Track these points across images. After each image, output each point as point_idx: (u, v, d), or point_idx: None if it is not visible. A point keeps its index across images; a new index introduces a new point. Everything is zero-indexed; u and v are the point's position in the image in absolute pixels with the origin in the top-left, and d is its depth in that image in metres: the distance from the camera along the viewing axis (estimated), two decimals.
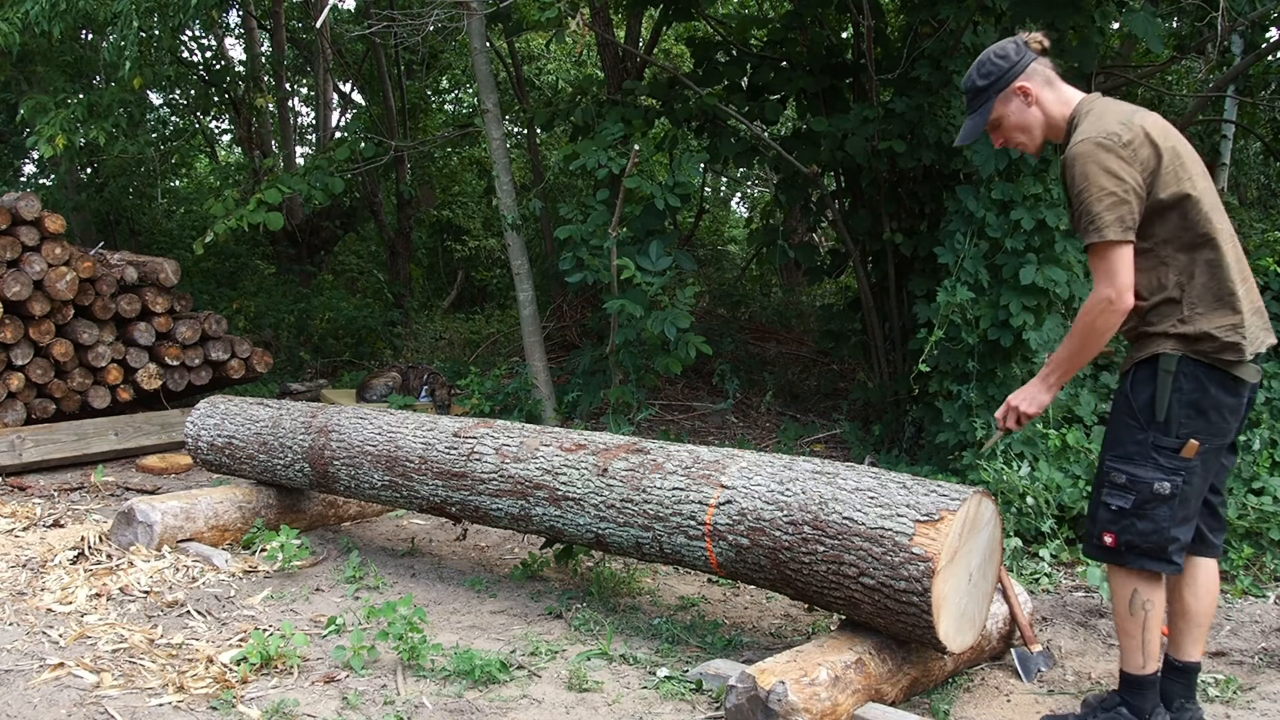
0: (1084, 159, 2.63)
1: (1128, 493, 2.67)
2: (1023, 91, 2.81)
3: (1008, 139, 2.91)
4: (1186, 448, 2.63)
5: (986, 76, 2.84)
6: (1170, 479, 2.63)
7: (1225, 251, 2.67)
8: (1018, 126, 2.86)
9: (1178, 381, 2.65)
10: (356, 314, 10.39)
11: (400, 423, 4.13)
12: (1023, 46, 2.84)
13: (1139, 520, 2.66)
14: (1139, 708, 2.78)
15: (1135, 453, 2.67)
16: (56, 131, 6.76)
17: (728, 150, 6.78)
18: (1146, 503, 2.65)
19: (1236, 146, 9.10)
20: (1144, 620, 2.71)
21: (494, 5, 6.47)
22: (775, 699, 2.62)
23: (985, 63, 2.86)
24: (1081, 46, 5.07)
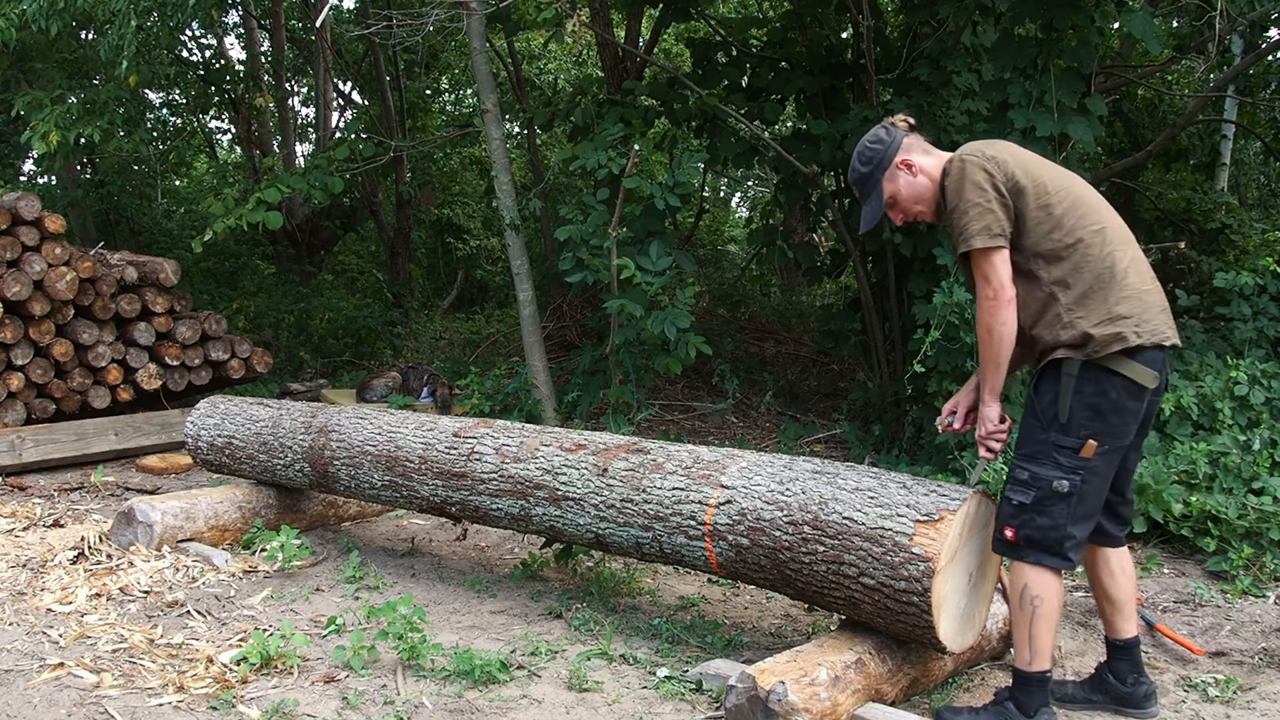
0: (954, 175, 2.84)
1: (1029, 489, 2.79)
2: (905, 165, 2.97)
3: (907, 213, 3.04)
4: (1085, 448, 2.74)
5: (868, 163, 3.01)
6: (1069, 477, 2.75)
7: (1112, 254, 2.79)
8: (911, 199, 3.00)
9: (1079, 385, 2.75)
10: (356, 314, 10.39)
11: (400, 423, 4.13)
12: (892, 128, 3.02)
13: (1038, 516, 2.77)
14: (1024, 704, 2.87)
15: (1038, 451, 2.79)
16: (51, 128, 6.75)
17: (727, 150, 6.78)
18: (1045, 499, 2.76)
19: (1236, 146, 9.10)
20: (1031, 615, 2.82)
21: (494, 5, 6.47)
22: (775, 699, 2.62)
23: (863, 152, 3.03)
24: (1081, 46, 5.07)
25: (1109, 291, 2.76)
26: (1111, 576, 3.03)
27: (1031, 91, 4.94)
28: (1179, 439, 5.03)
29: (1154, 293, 2.82)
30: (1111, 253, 2.79)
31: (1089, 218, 2.83)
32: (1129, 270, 2.79)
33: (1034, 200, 2.81)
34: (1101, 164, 7.93)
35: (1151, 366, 2.76)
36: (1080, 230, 2.81)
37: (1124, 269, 2.79)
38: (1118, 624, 3.06)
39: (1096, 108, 5.10)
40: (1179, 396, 5.20)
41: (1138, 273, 2.81)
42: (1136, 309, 2.75)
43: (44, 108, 6.89)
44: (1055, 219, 2.82)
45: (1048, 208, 2.82)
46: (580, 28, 5.74)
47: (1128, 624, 3.06)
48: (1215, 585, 4.19)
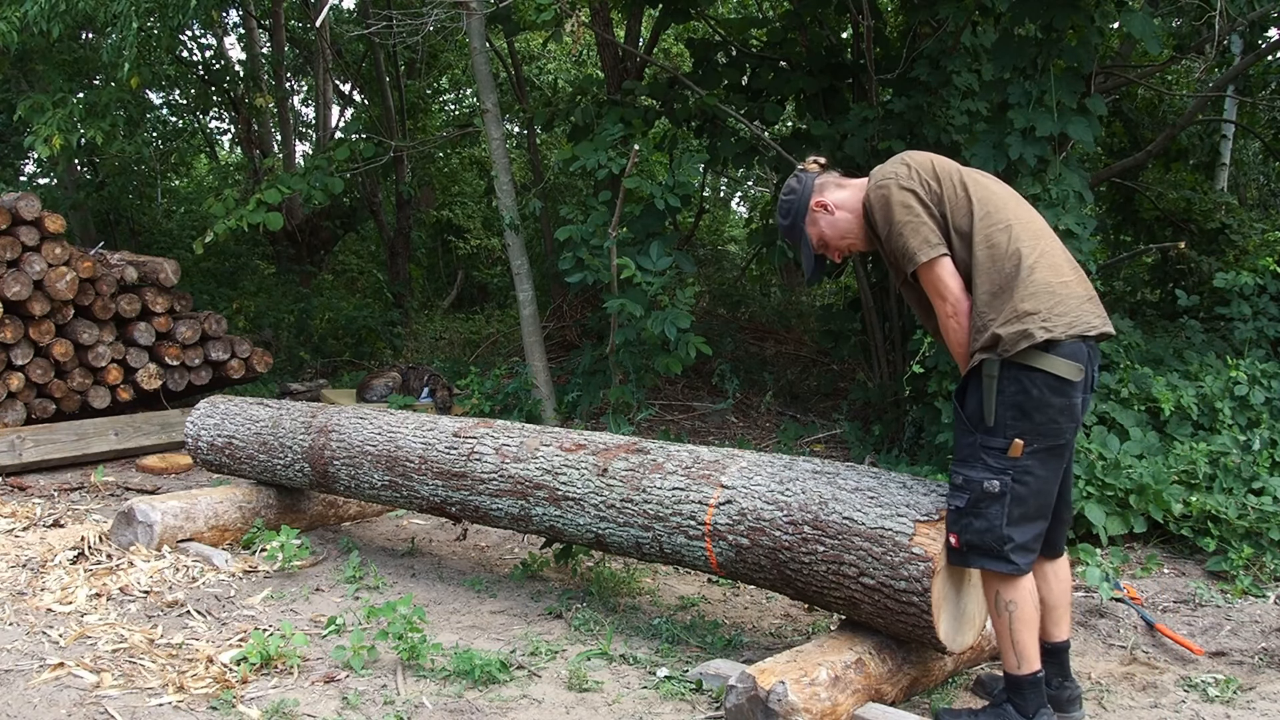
0: (879, 204, 2.87)
1: (963, 493, 2.78)
2: (820, 206, 3.01)
3: (839, 249, 3.07)
4: (1012, 447, 2.72)
5: (787, 214, 3.07)
6: (999, 478, 2.72)
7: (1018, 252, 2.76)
8: (836, 236, 3.03)
9: (1000, 385, 2.73)
10: (356, 314, 10.39)
11: (400, 423, 4.13)
12: (803, 175, 3.07)
13: (975, 519, 2.75)
14: (1022, 706, 2.85)
15: (968, 455, 2.79)
16: (53, 131, 6.75)
17: (727, 150, 6.78)
18: (979, 501, 2.74)
19: (1236, 146, 9.10)
20: (1009, 620, 2.80)
21: (494, 5, 6.47)
22: (775, 699, 2.62)
23: (780, 206, 3.09)
24: (1081, 46, 5.07)
25: (1014, 289, 2.73)
26: (1048, 584, 2.98)
27: (1031, 91, 4.94)
28: (1179, 439, 5.03)
29: (1072, 284, 2.79)
30: (1018, 250, 2.76)
31: (995, 215, 2.82)
32: (1036, 265, 2.75)
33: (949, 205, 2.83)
34: (1101, 164, 7.93)
35: (1074, 359, 2.72)
36: (987, 229, 2.80)
37: (1030, 264, 2.75)
38: (1048, 628, 3.00)
39: (1096, 108, 5.10)
40: (1179, 396, 5.20)
41: (1048, 266, 2.77)
42: (1045, 303, 2.71)
43: (45, 110, 6.89)
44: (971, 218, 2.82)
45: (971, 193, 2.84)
46: (580, 28, 5.74)
47: (1058, 628, 3.02)
48: (1215, 585, 4.19)
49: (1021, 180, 4.98)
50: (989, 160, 5.02)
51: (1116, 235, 8.43)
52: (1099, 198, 8.00)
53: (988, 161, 5.02)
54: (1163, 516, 4.54)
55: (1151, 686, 3.28)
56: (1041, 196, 4.93)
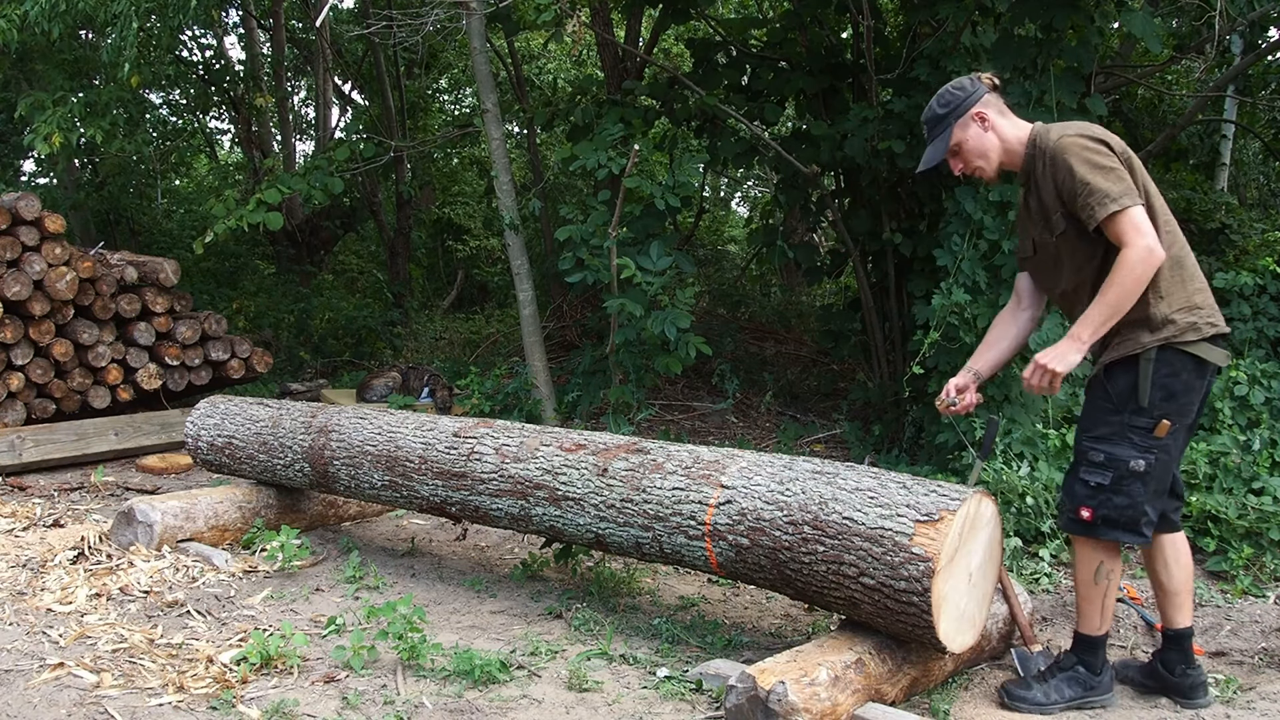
0: (1069, 150, 2.87)
1: (1106, 470, 2.91)
2: (980, 118, 3.04)
3: (967, 165, 3.10)
4: (1159, 428, 2.88)
5: (946, 105, 3.08)
6: (1144, 457, 2.88)
7: (1183, 246, 2.94)
8: (976, 152, 3.06)
9: (1156, 368, 2.87)
10: (356, 314, 10.39)
11: (400, 423, 4.13)
12: (976, 80, 3.09)
13: (1115, 496, 2.90)
14: (1092, 664, 3.08)
15: (1113, 433, 2.92)
16: (53, 129, 6.75)
17: (727, 151, 6.78)
18: (1123, 479, 2.89)
19: (1236, 146, 9.10)
20: (1105, 588, 3.02)
21: (493, 5, 6.47)
22: (775, 699, 2.62)
23: (944, 93, 3.11)
24: (1080, 46, 5.07)
25: (1188, 281, 2.90)
26: (1167, 569, 3.10)
27: (1031, 91, 4.94)
28: None
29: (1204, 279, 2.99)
30: (1183, 244, 2.93)
31: (1162, 208, 2.93)
32: (1196, 265, 2.96)
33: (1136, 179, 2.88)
34: None
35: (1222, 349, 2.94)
36: (1164, 216, 2.92)
37: (1193, 262, 2.94)
38: (1172, 615, 3.12)
39: (1096, 108, 5.10)
40: None
41: (1196, 266, 2.96)
42: (1209, 301, 2.93)
43: (46, 109, 6.89)
44: (1149, 202, 2.90)
45: (1145, 189, 2.91)
46: (580, 28, 5.74)
47: (1180, 614, 3.11)
48: (1215, 585, 4.19)
49: None
50: None
51: None
52: None
53: None
54: None
55: None
56: None
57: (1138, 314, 2.87)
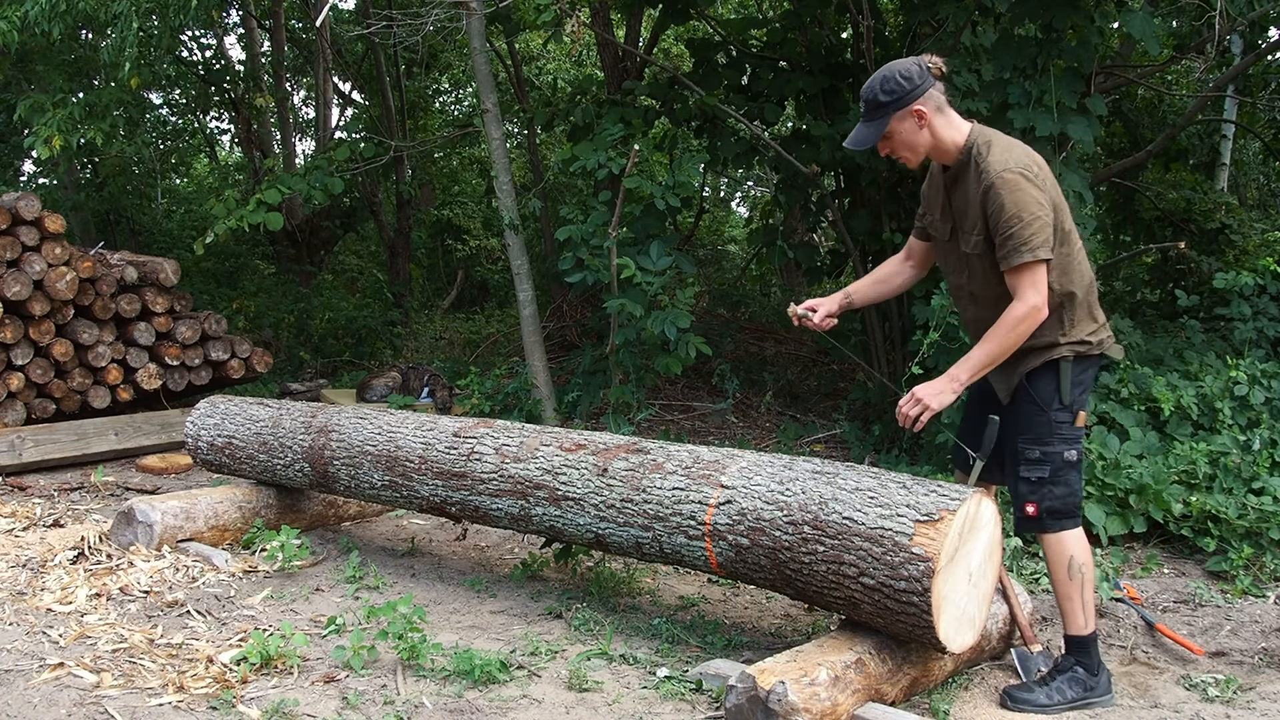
0: (1010, 187, 2.95)
1: (1044, 465, 3.11)
2: (918, 114, 3.06)
3: (894, 152, 3.16)
4: (1078, 418, 3.14)
5: (889, 94, 3.06)
6: (1074, 446, 3.12)
7: (1089, 272, 3.16)
8: (906, 145, 3.12)
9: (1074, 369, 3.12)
10: (356, 314, 10.39)
11: (400, 423, 4.13)
12: (925, 71, 3.06)
13: (1056, 486, 3.10)
14: (1088, 664, 3.14)
15: (1043, 433, 3.12)
16: (53, 132, 6.75)
17: (727, 151, 6.78)
18: (1060, 470, 3.10)
19: (1236, 146, 9.10)
20: (1081, 583, 3.11)
21: (494, 5, 6.47)
22: (775, 699, 2.62)
23: (890, 80, 3.06)
24: (1081, 46, 5.07)
25: (1093, 300, 3.16)
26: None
27: (1031, 91, 4.94)
28: (1179, 439, 5.03)
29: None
30: (1089, 269, 3.17)
31: (1074, 234, 3.12)
32: (1094, 285, 3.19)
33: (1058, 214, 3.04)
34: (1101, 164, 7.92)
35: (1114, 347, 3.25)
36: (1075, 241, 3.11)
37: (1093, 285, 3.18)
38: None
39: (1096, 108, 5.10)
40: (1179, 396, 5.20)
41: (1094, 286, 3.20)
42: (1103, 317, 3.19)
43: (46, 111, 6.88)
44: (1064, 232, 3.06)
45: (1061, 225, 3.05)
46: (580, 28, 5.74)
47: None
48: (1215, 585, 4.19)
49: None
50: None
51: (1116, 235, 8.43)
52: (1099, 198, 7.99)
53: None
54: (1163, 516, 4.54)
55: (1151, 686, 3.28)
56: None
57: (1050, 340, 3.08)
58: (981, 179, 2.99)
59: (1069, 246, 3.06)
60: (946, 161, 3.15)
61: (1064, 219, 3.05)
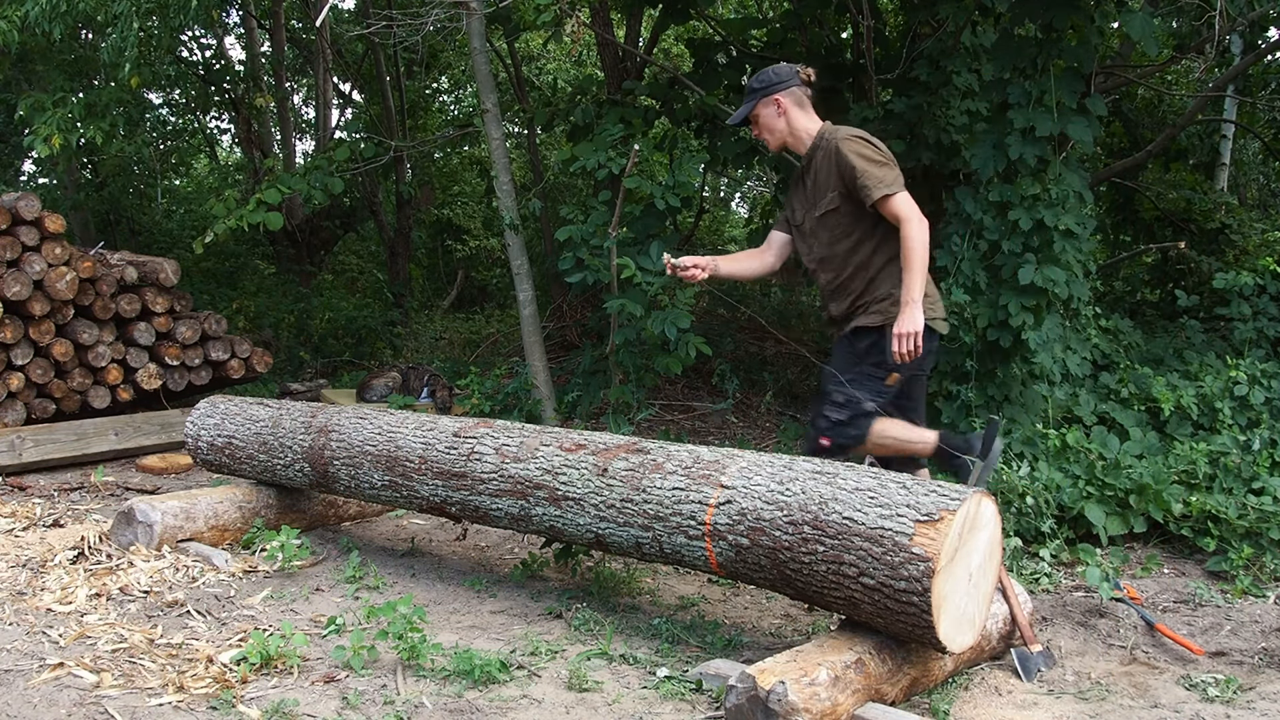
0: (848, 144, 3.57)
1: (844, 408, 3.63)
2: (777, 103, 3.71)
3: (759, 133, 3.80)
4: (890, 378, 3.63)
5: (760, 83, 3.75)
6: (875, 399, 3.62)
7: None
8: (767, 127, 3.76)
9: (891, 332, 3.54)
10: (356, 314, 10.39)
11: (400, 423, 4.13)
12: (794, 73, 3.73)
13: (849, 428, 3.62)
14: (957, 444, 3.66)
15: (853, 380, 3.65)
16: (53, 131, 6.75)
17: (727, 151, 6.78)
18: (857, 417, 3.62)
19: (1236, 146, 9.10)
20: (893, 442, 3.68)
21: (494, 5, 6.47)
22: (775, 699, 2.62)
23: (764, 73, 3.77)
24: (1081, 46, 5.07)
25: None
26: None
27: (1031, 91, 4.94)
28: (1179, 439, 5.03)
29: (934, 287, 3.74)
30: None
31: None
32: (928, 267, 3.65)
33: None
34: (1101, 164, 7.93)
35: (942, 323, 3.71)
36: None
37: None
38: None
39: (1096, 108, 5.10)
40: (1179, 396, 5.20)
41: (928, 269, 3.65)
42: (933, 292, 3.69)
43: (46, 110, 6.88)
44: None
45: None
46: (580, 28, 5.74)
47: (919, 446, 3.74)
48: (1215, 585, 4.19)
49: (1021, 180, 4.98)
50: (989, 160, 5.02)
51: (1116, 235, 8.43)
52: (1099, 198, 8.00)
53: (988, 161, 5.02)
54: (1163, 516, 4.54)
55: (1151, 686, 3.28)
56: (1041, 196, 4.94)
57: (883, 294, 3.62)
58: (829, 149, 3.62)
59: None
60: (800, 149, 3.74)
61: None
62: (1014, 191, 4.95)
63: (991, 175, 5.01)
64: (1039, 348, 4.93)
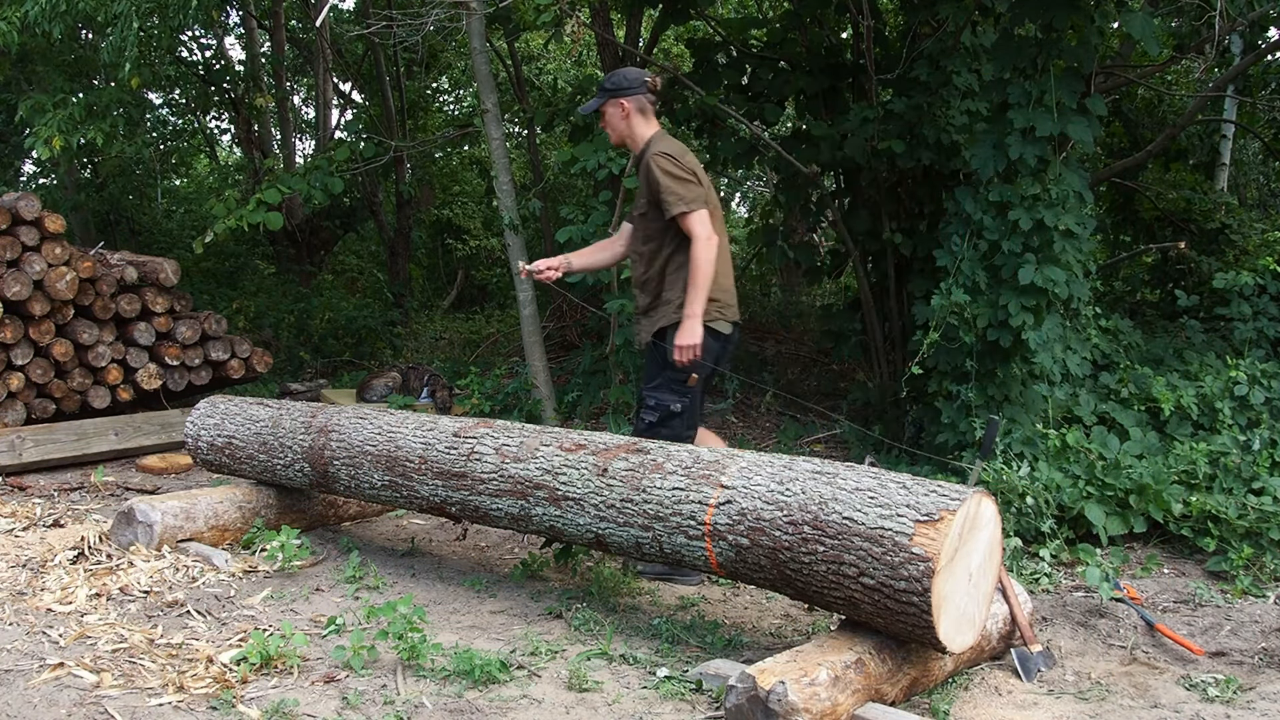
0: (657, 159, 3.96)
1: (655, 411, 4.01)
2: (620, 105, 4.11)
3: (605, 127, 4.20)
4: (690, 380, 3.98)
5: (612, 84, 4.14)
6: (681, 400, 3.99)
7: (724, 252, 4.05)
8: (610, 125, 4.17)
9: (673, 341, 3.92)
10: (356, 314, 10.38)
11: (400, 423, 4.13)
12: (642, 82, 4.11)
13: (662, 429, 3.97)
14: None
15: (660, 385, 4.02)
16: (54, 133, 6.75)
17: (728, 151, 6.78)
18: (667, 418, 4.00)
19: (1236, 146, 9.10)
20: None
21: (494, 5, 6.47)
22: (775, 699, 2.62)
23: (617, 75, 4.19)
24: (1081, 46, 5.07)
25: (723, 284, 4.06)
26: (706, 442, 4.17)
27: (1031, 91, 4.94)
28: (1179, 439, 5.03)
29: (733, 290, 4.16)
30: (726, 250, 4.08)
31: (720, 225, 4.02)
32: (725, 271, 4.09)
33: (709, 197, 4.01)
34: (1101, 164, 7.92)
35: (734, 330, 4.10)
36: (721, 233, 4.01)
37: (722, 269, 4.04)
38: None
39: (1096, 108, 5.10)
40: (1179, 396, 5.20)
41: (725, 273, 4.09)
42: (725, 296, 4.07)
43: (46, 111, 6.88)
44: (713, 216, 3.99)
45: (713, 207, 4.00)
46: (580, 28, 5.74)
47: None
48: (1215, 585, 4.19)
49: (1021, 180, 4.98)
50: (989, 160, 5.02)
51: (1116, 235, 8.43)
52: (1099, 198, 7.99)
53: (987, 161, 5.02)
54: (1163, 516, 4.54)
55: (1151, 686, 3.28)
56: (1041, 196, 4.93)
57: (673, 298, 4.00)
58: (645, 160, 4.00)
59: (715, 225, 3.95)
60: (635, 150, 4.16)
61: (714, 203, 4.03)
62: (1014, 191, 4.95)
63: (991, 175, 5.01)
64: (1039, 348, 4.93)
